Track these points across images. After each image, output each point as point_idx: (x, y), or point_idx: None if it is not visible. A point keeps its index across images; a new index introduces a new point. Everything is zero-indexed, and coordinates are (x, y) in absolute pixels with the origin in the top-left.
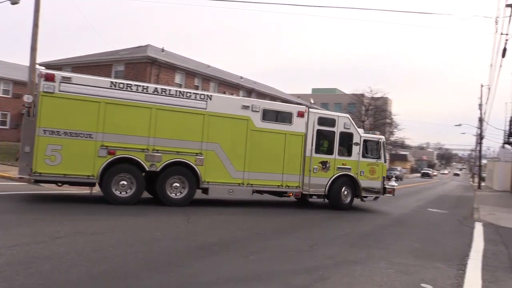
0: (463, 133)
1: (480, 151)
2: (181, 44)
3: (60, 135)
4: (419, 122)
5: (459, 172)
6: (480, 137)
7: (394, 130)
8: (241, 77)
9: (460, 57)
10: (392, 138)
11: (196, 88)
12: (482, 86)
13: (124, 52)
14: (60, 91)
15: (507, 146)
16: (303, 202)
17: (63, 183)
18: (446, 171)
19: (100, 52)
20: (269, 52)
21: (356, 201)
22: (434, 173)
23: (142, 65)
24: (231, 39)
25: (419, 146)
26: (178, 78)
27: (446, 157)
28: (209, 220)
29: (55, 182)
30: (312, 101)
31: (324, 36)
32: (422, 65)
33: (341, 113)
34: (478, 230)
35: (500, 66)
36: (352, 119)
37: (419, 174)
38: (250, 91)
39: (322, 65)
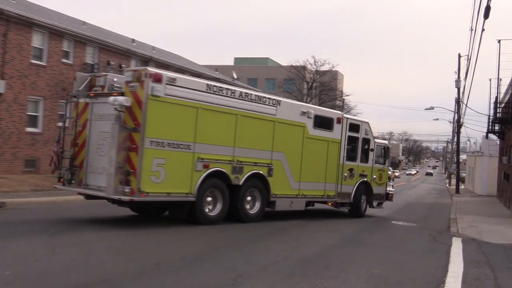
0: (436, 119)
1: (458, 142)
2: None
3: (164, 146)
4: (379, 105)
5: (432, 171)
6: (458, 124)
7: (346, 115)
8: (133, 41)
9: (434, 20)
10: None
11: (66, 54)
12: (460, 56)
13: None
14: (165, 94)
15: (491, 136)
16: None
17: (165, 204)
18: (413, 171)
19: None
20: (178, 12)
21: (296, 214)
22: (396, 174)
23: None
24: None
25: (379, 137)
26: (37, 40)
27: (415, 152)
28: (86, 250)
29: (158, 204)
30: (235, 76)
31: None
32: (383, 29)
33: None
34: (456, 248)
35: (483, 30)
36: (292, 100)
37: None
38: (147, 61)
39: (249, 28)
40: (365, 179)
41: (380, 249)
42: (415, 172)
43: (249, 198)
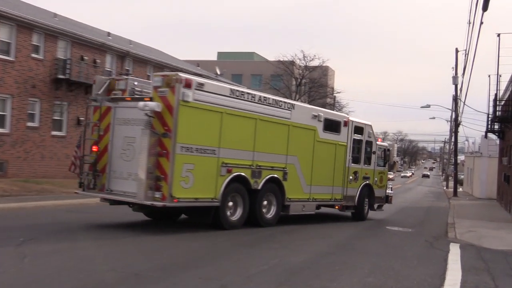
0: (433, 118)
1: (455, 142)
2: None
3: (192, 152)
4: (372, 103)
5: (428, 173)
6: (455, 123)
7: (352, 118)
8: (109, 34)
9: (430, 14)
10: None
11: (36, 49)
12: (457, 51)
13: None
14: (194, 100)
15: (491, 135)
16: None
17: (191, 210)
18: (409, 173)
19: None
20: (157, 3)
21: (283, 217)
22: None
23: None
24: None
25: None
26: (4, 33)
27: (411, 152)
28: (58, 259)
29: (184, 210)
30: (219, 72)
31: None
32: (377, 23)
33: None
34: (454, 255)
35: (481, 23)
36: (279, 97)
37: None
38: (123, 56)
39: (234, 20)
40: (368, 181)
41: (374, 256)
42: (411, 174)
43: (265, 202)
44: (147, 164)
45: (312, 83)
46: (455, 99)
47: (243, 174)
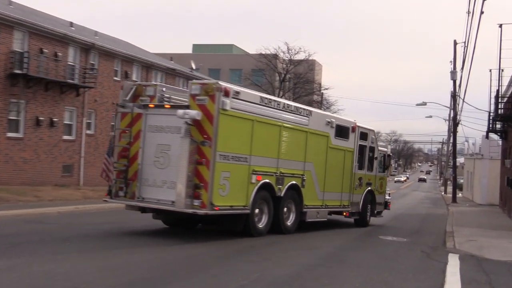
0: (429, 117)
1: (454, 143)
2: None
3: (229, 160)
4: (363, 100)
5: (425, 177)
6: (454, 122)
7: (326, 111)
8: (71, 24)
9: (427, 4)
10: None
11: None
12: (456, 43)
13: None
14: (231, 108)
15: (492, 135)
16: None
17: (224, 218)
18: (403, 177)
19: None
20: None
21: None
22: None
23: None
24: None
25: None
26: None
27: (406, 154)
28: (16, 276)
29: (220, 218)
30: (194, 66)
31: None
32: (367, 13)
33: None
34: (453, 266)
35: (481, 12)
36: (262, 93)
37: None
38: (88, 48)
39: (210, 10)
40: (370, 188)
41: (365, 268)
42: (405, 178)
43: (285, 209)
44: (187, 172)
45: (297, 79)
46: (454, 95)
47: (269, 181)
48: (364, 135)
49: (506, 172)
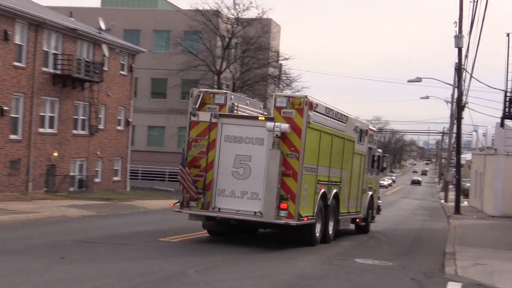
0: (426, 98)
1: (458, 134)
2: None
3: (308, 171)
4: (336, 75)
5: (420, 178)
6: (459, 105)
7: (286, 90)
8: None
9: None
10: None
11: None
12: None
13: None
14: (313, 121)
15: (509, 123)
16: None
17: (302, 228)
18: (387, 180)
19: None
20: None
21: (202, 244)
22: None
23: None
24: None
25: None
26: None
27: (394, 149)
28: None
29: (287, 228)
30: (103, 26)
31: None
32: None
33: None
34: None
35: None
36: (201, 65)
37: None
38: None
39: None
40: (371, 192)
41: None
42: (389, 182)
43: (330, 218)
44: (277, 184)
45: (247, 45)
46: (459, 68)
47: (325, 190)
48: (371, 137)
49: None
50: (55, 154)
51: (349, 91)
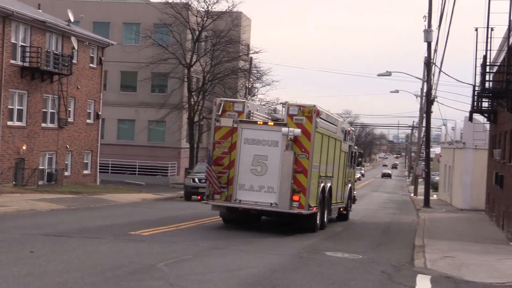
0: (395, 92)
1: (427, 128)
2: None
3: (314, 169)
4: (306, 68)
5: (390, 172)
6: (428, 99)
7: (256, 85)
8: None
9: None
10: (256, 102)
11: None
12: None
13: None
14: (319, 126)
15: (478, 117)
16: None
17: (309, 216)
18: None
19: None
20: None
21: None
22: None
23: None
24: None
25: None
26: None
27: (364, 143)
28: None
29: (291, 217)
30: (72, 18)
31: None
32: None
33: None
34: None
35: None
36: (171, 58)
37: None
38: None
39: None
40: (350, 184)
41: None
42: (358, 176)
43: (325, 207)
44: (291, 180)
45: (217, 38)
46: (428, 63)
47: (324, 184)
48: (351, 136)
49: (495, 166)
50: (24, 147)
51: (319, 85)
